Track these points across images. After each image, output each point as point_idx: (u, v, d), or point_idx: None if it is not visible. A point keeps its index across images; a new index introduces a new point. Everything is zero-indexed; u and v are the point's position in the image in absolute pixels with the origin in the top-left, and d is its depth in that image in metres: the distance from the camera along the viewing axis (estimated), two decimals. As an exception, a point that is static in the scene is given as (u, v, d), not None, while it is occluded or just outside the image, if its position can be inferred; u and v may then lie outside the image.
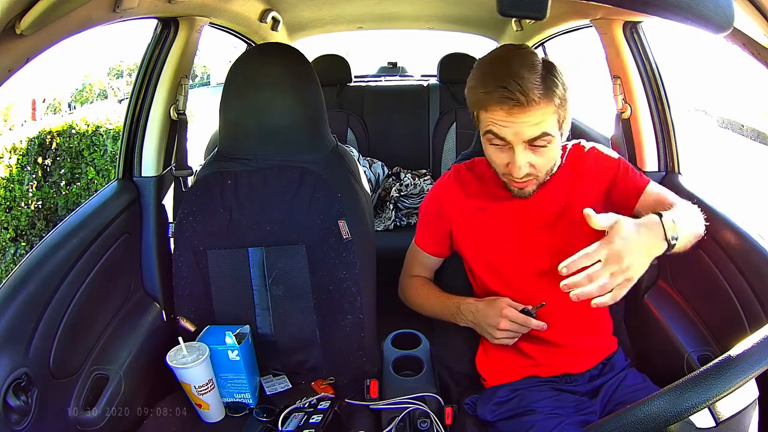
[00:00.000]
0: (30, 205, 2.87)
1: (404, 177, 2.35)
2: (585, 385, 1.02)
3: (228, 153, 1.21)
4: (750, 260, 0.96)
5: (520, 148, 0.90)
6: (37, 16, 0.66)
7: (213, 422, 1.10)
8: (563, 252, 0.84)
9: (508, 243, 1.02)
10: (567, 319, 1.00)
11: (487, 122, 0.91)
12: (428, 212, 1.11)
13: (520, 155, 0.90)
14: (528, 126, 0.88)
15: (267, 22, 1.85)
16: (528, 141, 0.89)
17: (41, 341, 0.91)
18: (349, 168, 1.22)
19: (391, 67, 3.39)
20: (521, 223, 1.02)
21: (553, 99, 0.88)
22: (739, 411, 0.57)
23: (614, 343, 1.08)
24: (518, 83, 0.85)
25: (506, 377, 1.05)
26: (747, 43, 0.74)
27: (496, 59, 0.92)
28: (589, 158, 1.05)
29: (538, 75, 0.86)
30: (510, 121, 0.88)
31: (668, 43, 1.65)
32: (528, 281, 1.02)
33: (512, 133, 0.89)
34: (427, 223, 1.12)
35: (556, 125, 0.90)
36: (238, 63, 1.18)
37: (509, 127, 0.88)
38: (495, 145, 0.93)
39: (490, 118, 0.90)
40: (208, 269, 1.18)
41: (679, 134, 1.29)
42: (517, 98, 0.85)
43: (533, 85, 0.85)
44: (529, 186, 0.96)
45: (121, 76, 10.43)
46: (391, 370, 1.19)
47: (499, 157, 0.94)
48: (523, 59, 0.88)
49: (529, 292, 1.00)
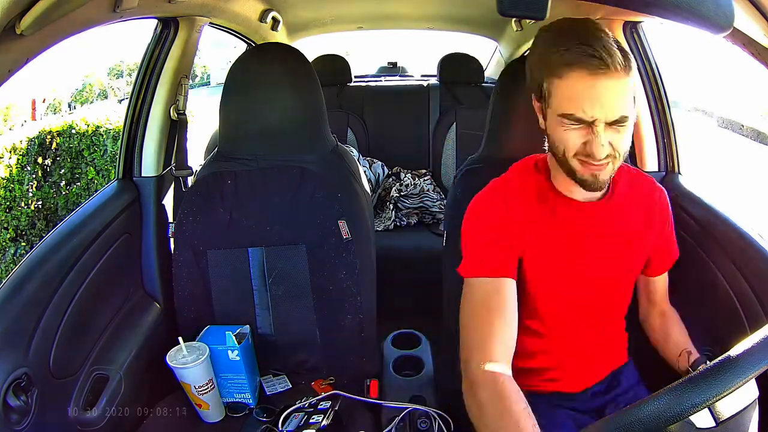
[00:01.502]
0: (30, 205, 2.87)
1: (404, 177, 2.35)
2: (587, 403, 0.97)
3: (228, 153, 1.21)
4: (750, 260, 0.96)
5: (602, 126, 0.77)
6: (37, 16, 0.66)
7: (213, 422, 1.10)
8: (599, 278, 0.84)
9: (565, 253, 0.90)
10: (587, 342, 0.95)
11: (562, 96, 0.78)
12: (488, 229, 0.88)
13: (600, 134, 0.77)
14: (613, 100, 0.75)
15: (267, 22, 1.85)
16: (611, 123, 0.77)
17: (41, 341, 0.91)
18: (349, 168, 1.22)
19: (391, 67, 3.39)
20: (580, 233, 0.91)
21: (632, 69, 0.76)
22: (739, 411, 0.56)
23: (625, 355, 1.02)
24: (602, 42, 0.74)
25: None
26: (747, 43, 0.74)
27: (563, 23, 0.80)
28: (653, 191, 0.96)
29: (614, 41, 0.76)
30: (594, 90, 0.75)
31: (668, 43, 1.65)
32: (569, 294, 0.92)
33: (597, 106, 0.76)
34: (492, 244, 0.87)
35: (632, 103, 0.79)
36: (238, 63, 1.18)
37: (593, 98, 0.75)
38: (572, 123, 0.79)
39: (566, 88, 0.77)
40: (208, 269, 1.18)
41: (678, 134, 1.29)
42: (602, 58, 0.73)
43: (614, 48, 0.74)
44: (604, 172, 0.81)
45: (121, 76, 10.42)
46: (391, 370, 1.20)
47: (575, 136, 0.79)
48: (596, 25, 0.77)
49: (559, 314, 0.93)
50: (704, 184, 1.23)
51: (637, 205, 0.94)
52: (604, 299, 0.94)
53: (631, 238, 0.92)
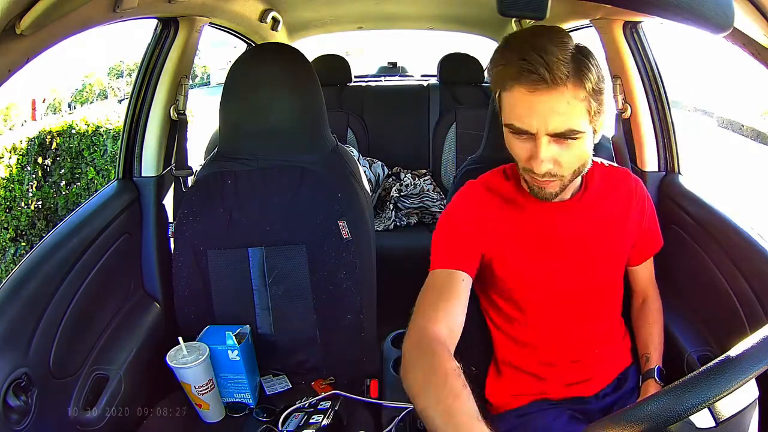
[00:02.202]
0: (30, 205, 2.87)
1: (404, 177, 2.35)
2: (596, 403, 0.97)
3: (228, 153, 1.21)
4: (750, 260, 0.96)
5: (545, 140, 0.77)
6: (37, 16, 0.66)
7: (213, 422, 1.10)
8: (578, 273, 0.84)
9: (537, 251, 0.92)
10: (581, 337, 0.96)
11: (508, 107, 0.79)
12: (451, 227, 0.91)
13: (544, 148, 0.78)
14: (553, 113, 0.75)
15: (267, 22, 1.85)
16: (552, 135, 0.77)
17: (41, 341, 0.91)
18: (349, 168, 1.22)
19: (391, 67, 3.39)
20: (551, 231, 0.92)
21: (583, 82, 0.75)
22: (739, 411, 0.57)
23: (629, 357, 1.02)
24: (541, 56, 0.73)
25: (514, 402, 0.99)
26: (747, 43, 0.74)
27: (522, 33, 0.79)
28: (629, 181, 0.97)
29: (567, 53, 0.75)
30: (532, 104, 0.76)
31: (668, 43, 1.65)
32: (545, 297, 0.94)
33: (535, 119, 0.76)
34: (452, 240, 0.90)
35: (585, 118, 0.77)
36: (238, 63, 1.18)
37: (531, 112, 0.76)
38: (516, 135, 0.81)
39: (510, 99, 0.78)
40: (208, 269, 1.18)
41: (678, 134, 1.29)
42: (539, 73, 0.73)
43: (560, 60, 0.73)
44: (550, 187, 0.84)
45: (121, 76, 10.43)
46: (391, 370, 1.19)
47: (520, 148, 0.81)
48: (551, 35, 0.76)
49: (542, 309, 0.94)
50: (704, 184, 1.23)
51: (614, 199, 0.95)
52: (589, 295, 0.94)
53: (607, 233, 0.93)
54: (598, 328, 0.98)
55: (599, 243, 0.93)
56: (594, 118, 0.79)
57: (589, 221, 0.93)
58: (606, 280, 0.96)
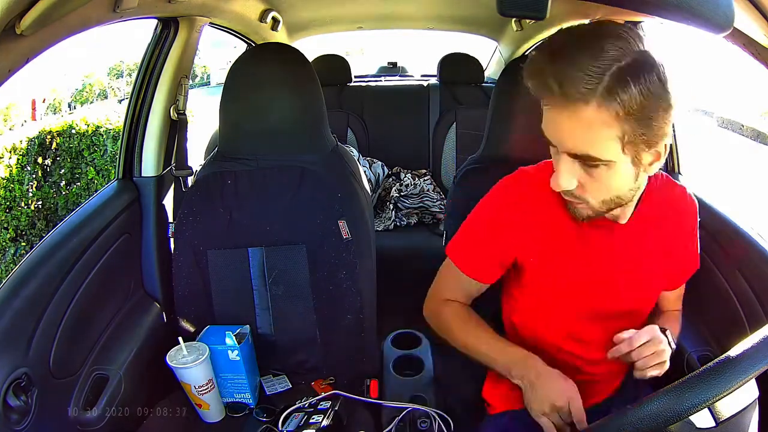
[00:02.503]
0: (30, 205, 2.87)
1: (404, 177, 2.35)
2: (596, 408, 0.93)
3: (228, 153, 1.21)
4: (750, 260, 0.96)
5: (565, 158, 0.70)
6: (37, 16, 0.66)
7: (213, 422, 1.10)
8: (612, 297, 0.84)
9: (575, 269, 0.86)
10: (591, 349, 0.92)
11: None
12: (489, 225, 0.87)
13: (563, 164, 0.70)
14: (570, 134, 0.67)
15: (267, 22, 1.85)
16: (574, 156, 0.69)
17: (41, 341, 0.91)
18: (349, 168, 1.22)
19: (391, 67, 3.39)
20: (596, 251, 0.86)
21: (611, 104, 0.63)
22: (739, 411, 0.57)
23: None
24: (557, 69, 0.64)
25: (513, 404, 0.97)
26: (747, 43, 0.74)
27: (562, 32, 0.69)
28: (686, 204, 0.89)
29: (604, 65, 0.63)
30: (551, 117, 0.69)
31: (668, 43, 1.64)
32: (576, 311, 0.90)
33: (554, 134, 0.70)
34: (483, 243, 0.88)
35: (615, 145, 0.66)
36: (238, 63, 1.18)
37: (550, 125, 0.70)
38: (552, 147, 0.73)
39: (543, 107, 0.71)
40: (208, 269, 1.18)
41: (678, 134, 1.29)
42: (549, 88, 0.64)
43: (580, 75, 0.62)
44: (580, 208, 0.77)
45: (121, 76, 10.42)
46: (392, 370, 1.19)
47: (552, 158, 0.75)
48: (591, 40, 0.64)
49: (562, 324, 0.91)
50: (704, 184, 1.22)
51: (668, 226, 0.88)
52: (616, 318, 0.89)
53: (654, 262, 0.88)
54: (611, 344, 0.96)
55: (644, 271, 0.87)
56: (634, 149, 0.67)
57: (638, 248, 0.86)
58: (639, 305, 0.92)
